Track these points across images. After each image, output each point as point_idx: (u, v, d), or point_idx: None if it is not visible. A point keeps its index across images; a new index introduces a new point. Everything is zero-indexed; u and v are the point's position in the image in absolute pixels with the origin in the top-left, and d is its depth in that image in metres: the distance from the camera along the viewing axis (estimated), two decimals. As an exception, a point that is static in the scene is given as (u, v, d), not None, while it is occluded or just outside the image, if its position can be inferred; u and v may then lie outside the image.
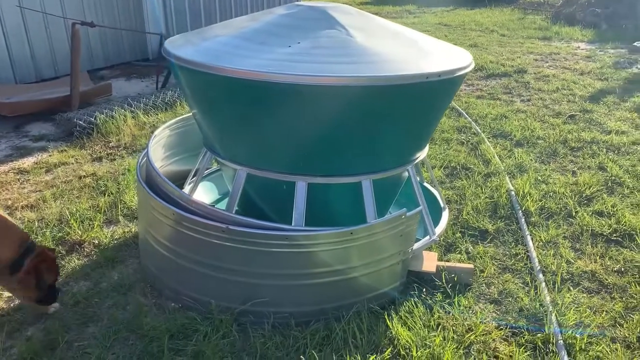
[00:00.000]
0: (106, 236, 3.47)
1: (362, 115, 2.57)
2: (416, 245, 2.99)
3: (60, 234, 3.47)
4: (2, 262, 2.47)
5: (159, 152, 3.55)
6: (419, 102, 2.69)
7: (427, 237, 3.12)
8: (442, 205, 3.55)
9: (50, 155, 4.82)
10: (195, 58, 2.58)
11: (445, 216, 3.44)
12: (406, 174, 3.10)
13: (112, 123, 5.39)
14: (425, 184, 3.81)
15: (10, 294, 2.83)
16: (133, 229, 3.56)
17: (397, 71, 2.49)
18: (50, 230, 3.49)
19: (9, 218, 2.61)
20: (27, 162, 4.71)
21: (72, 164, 4.68)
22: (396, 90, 2.51)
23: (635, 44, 10.07)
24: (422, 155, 3.15)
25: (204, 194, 3.77)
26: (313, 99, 2.47)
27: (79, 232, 3.46)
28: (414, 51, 2.80)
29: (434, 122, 3.04)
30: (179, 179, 3.63)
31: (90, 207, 3.82)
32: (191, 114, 3.27)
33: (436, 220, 3.36)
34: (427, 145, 3.27)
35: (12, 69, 6.97)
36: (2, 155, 4.88)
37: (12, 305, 2.83)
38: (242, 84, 2.46)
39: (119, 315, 2.75)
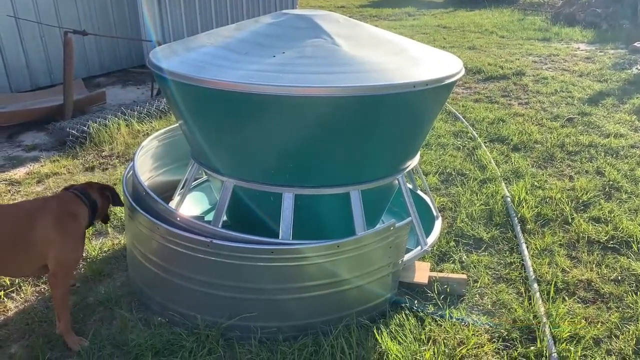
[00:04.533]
0: (95, 249, 3.42)
1: (348, 126, 2.52)
2: (407, 256, 2.93)
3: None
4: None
5: (147, 163, 3.51)
6: (407, 112, 2.64)
7: (419, 247, 3.06)
8: (435, 214, 3.49)
9: (42, 166, 4.79)
10: (178, 70, 2.54)
11: (438, 225, 3.38)
12: (397, 182, 3.05)
13: (105, 132, 5.36)
14: (419, 192, 3.75)
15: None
16: (122, 241, 3.52)
17: (383, 80, 2.44)
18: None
19: None
20: (19, 172, 4.68)
21: (64, 174, 4.65)
22: (383, 100, 2.46)
23: (635, 44, 9.99)
24: (412, 163, 3.10)
25: (194, 204, 3.73)
26: (297, 110, 2.42)
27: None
28: (402, 59, 2.75)
29: (424, 131, 2.99)
30: (169, 190, 3.59)
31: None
32: (178, 124, 3.23)
33: (429, 229, 3.31)
34: (418, 153, 3.22)
35: (7, 77, 6.95)
36: (-5, 165, 4.86)
37: (-4, 321, 2.79)
38: (225, 96, 2.41)
39: (105, 331, 2.71)
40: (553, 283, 3.11)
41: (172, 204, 3.36)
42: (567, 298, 3.02)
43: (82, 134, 5.28)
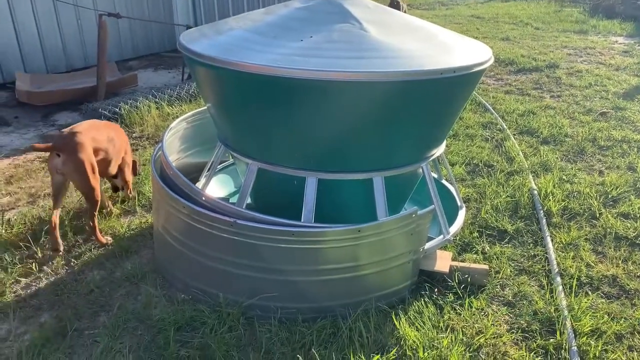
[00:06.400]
0: (123, 226, 3.52)
1: (374, 112, 2.52)
2: (429, 245, 2.94)
3: (79, 223, 3.54)
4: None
5: (175, 145, 3.58)
6: (433, 99, 2.63)
7: (441, 236, 3.06)
8: (459, 204, 3.48)
9: (75, 145, 4.91)
10: (206, 52, 2.58)
11: (461, 215, 3.37)
12: (421, 171, 3.04)
13: (137, 114, 5.47)
14: (444, 182, 3.74)
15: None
16: (149, 220, 3.60)
17: (410, 67, 2.43)
18: (70, 219, 3.56)
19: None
20: (52, 150, 4.81)
21: (96, 153, 4.76)
22: (409, 87, 2.45)
23: (676, 38, 9.67)
24: (438, 152, 3.09)
25: (220, 186, 3.79)
26: (322, 95, 2.43)
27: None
28: (430, 46, 2.74)
29: (450, 119, 2.97)
30: (196, 171, 3.65)
31: (109, 197, 3.88)
32: (206, 107, 3.28)
33: (452, 219, 3.30)
34: (444, 142, 3.20)
35: (44, 58, 7.14)
36: (30, 143, 5.00)
37: (28, 291, 2.90)
38: (252, 79, 2.44)
39: (130, 305, 2.79)
40: (576, 277, 3.07)
41: (199, 186, 3.42)
42: (590, 293, 2.98)
43: (113, 115, 5.40)
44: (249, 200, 3.09)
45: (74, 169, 3.11)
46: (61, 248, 3.23)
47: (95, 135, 3.30)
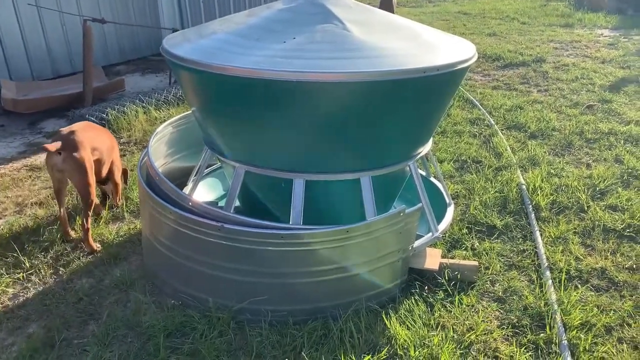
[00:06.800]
0: (111, 233, 3.50)
1: (358, 112, 2.52)
2: (418, 243, 2.94)
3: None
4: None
5: (162, 150, 3.56)
6: (417, 98, 2.63)
7: (430, 234, 3.06)
8: (447, 201, 3.48)
9: (62, 152, 4.88)
10: (189, 56, 2.56)
11: (450, 212, 3.37)
12: (408, 169, 3.04)
13: (124, 119, 5.44)
14: (432, 179, 3.74)
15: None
16: (138, 226, 3.58)
17: (393, 66, 2.43)
18: (58, 227, 3.53)
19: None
20: (39, 159, 4.78)
21: (83, 160, 4.73)
22: (392, 86, 2.45)
23: (661, 29, 9.74)
24: (424, 150, 3.09)
25: (208, 190, 3.77)
26: (305, 96, 2.42)
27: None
28: (414, 45, 2.73)
29: (436, 117, 2.97)
30: (183, 176, 3.63)
31: (99, 201, 3.85)
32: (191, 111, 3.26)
33: (441, 216, 3.30)
34: (431, 139, 3.20)
35: (29, 65, 7.07)
36: (16, 152, 4.97)
37: (16, 302, 2.88)
38: (235, 82, 2.43)
39: (119, 313, 2.77)
40: (565, 271, 3.09)
41: (186, 190, 3.40)
42: (579, 286, 3.00)
43: (101, 121, 5.36)
44: (237, 204, 3.08)
45: (74, 166, 3.20)
46: (73, 236, 3.47)
47: (92, 135, 3.42)
